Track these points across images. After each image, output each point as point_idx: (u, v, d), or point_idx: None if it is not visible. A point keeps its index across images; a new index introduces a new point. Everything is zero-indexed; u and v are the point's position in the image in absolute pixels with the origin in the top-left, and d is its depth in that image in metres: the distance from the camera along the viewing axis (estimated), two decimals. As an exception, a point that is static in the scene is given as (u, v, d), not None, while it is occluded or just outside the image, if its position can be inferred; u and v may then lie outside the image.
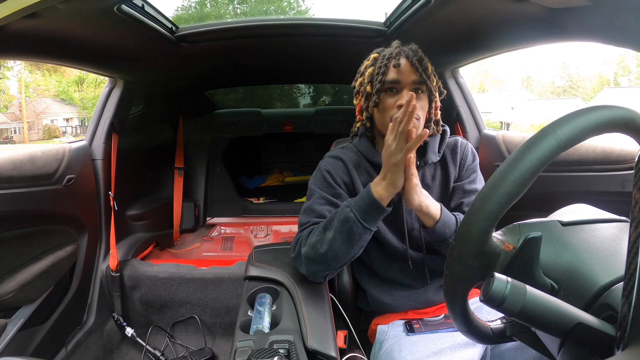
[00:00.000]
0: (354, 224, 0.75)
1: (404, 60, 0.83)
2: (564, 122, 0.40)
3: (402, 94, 0.82)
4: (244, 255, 2.04)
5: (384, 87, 0.84)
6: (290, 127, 2.54)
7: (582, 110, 0.40)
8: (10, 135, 21.88)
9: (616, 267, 0.41)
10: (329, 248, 0.77)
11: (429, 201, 0.79)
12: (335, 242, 0.76)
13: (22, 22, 0.81)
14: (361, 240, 0.78)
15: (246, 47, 1.46)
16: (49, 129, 22.47)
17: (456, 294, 0.46)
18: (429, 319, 0.86)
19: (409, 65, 0.82)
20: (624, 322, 0.33)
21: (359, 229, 0.76)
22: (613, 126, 0.40)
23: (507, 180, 0.39)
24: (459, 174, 0.92)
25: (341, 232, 0.76)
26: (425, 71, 0.83)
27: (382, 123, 0.86)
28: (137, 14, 1.01)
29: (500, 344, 0.74)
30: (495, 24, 0.97)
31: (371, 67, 0.87)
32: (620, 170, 1.06)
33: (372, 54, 0.89)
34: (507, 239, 0.46)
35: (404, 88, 0.83)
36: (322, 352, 0.65)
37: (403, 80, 0.82)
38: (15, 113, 22.14)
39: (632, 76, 31.55)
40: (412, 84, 0.82)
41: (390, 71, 0.83)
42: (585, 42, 0.82)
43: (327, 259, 0.78)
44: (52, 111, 22.66)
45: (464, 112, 1.52)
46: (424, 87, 0.83)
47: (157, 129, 2.14)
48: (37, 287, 1.23)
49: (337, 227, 0.76)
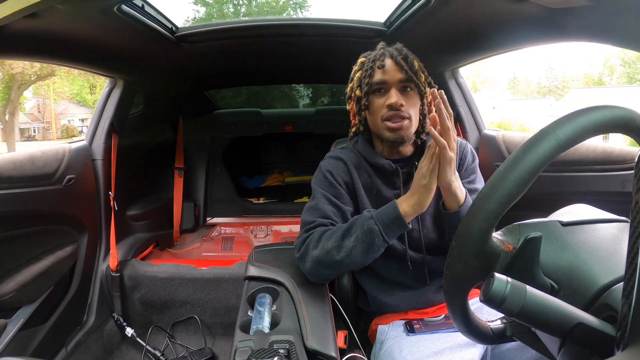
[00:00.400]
0: (377, 237, 0.76)
1: (388, 60, 0.83)
2: (564, 122, 0.39)
3: (390, 94, 0.83)
4: (244, 255, 2.04)
5: (371, 89, 0.85)
6: (290, 127, 2.54)
7: (582, 110, 0.40)
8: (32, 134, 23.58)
9: (616, 267, 0.41)
10: (347, 256, 0.77)
11: (458, 182, 0.80)
12: (354, 251, 0.77)
13: (22, 22, 0.81)
14: (378, 252, 0.79)
15: (246, 47, 1.46)
16: (67, 128, 24.06)
17: (456, 294, 0.46)
18: (429, 319, 0.86)
19: (393, 65, 0.83)
20: (624, 322, 0.33)
21: (380, 242, 0.77)
22: (613, 126, 0.40)
23: (507, 181, 0.39)
24: (460, 172, 0.92)
25: (362, 243, 0.77)
26: (411, 68, 0.83)
27: (374, 124, 0.87)
28: (137, 14, 1.01)
29: (500, 344, 0.74)
30: (495, 24, 0.97)
31: (359, 72, 0.88)
32: (620, 170, 1.06)
33: (360, 59, 0.90)
34: (507, 239, 0.46)
35: (391, 88, 0.83)
36: (322, 352, 0.65)
37: (389, 79, 0.83)
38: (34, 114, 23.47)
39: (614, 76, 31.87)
40: (398, 83, 0.83)
41: (376, 73, 0.84)
42: (585, 42, 0.82)
43: (341, 265, 0.79)
44: (69, 112, 24.16)
45: (464, 112, 1.52)
46: (412, 85, 0.84)
47: (157, 129, 2.14)
48: (37, 287, 1.23)
49: (359, 237, 0.77)
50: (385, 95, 0.84)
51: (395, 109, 0.82)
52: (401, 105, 0.82)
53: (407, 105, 0.83)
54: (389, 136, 0.84)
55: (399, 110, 0.82)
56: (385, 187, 0.90)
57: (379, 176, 0.90)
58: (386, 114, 0.83)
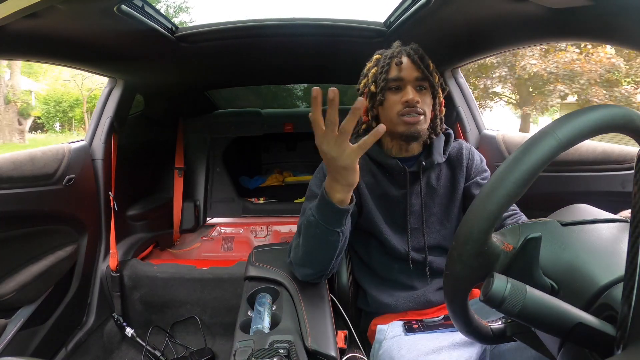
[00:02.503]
0: (317, 227, 0.72)
1: (405, 58, 0.85)
2: (564, 122, 0.40)
3: (406, 90, 0.84)
4: (244, 255, 2.04)
5: (387, 85, 0.86)
6: (290, 127, 2.54)
7: (582, 110, 0.40)
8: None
9: (616, 267, 0.41)
10: (304, 252, 0.76)
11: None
12: (307, 245, 0.75)
13: (22, 22, 0.81)
14: (333, 242, 0.73)
15: (246, 47, 1.46)
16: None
17: (456, 295, 0.46)
18: (428, 320, 0.86)
19: (410, 63, 0.84)
20: (624, 322, 0.33)
21: (325, 231, 0.72)
22: (613, 126, 0.40)
23: (506, 181, 0.39)
24: (467, 176, 0.94)
25: (308, 236, 0.74)
26: (427, 68, 0.84)
27: (389, 120, 0.87)
28: (137, 14, 1.01)
29: (500, 344, 0.74)
30: (496, 24, 0.97)
31: (374, 68, 0.89)
32: (620, 170, 1.06)
33: (375, 55, 0.91)
34: (507, 239, 0.46)
35: (407, 85, 0.84)
36: (322, 352, 0.65)
37: (406, 77, 0.84)
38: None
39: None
40: (415, 81, 0.84)
41: (392, 69, 0.85)
42: (585, 42, 0.83)
43: (307, 262, 0.78)
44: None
45: (464, 112, 1.52)
46: (427, 84, 0.85)
47: (157, 129, 2.14)
48: (37, 287, 1.23)
49: (304, 232, 0.75)
50: (401, 92, 0.85)
51: (412, 105, 0.83)
52: (417, 102, 0.83)
53: (421, 102, 0.84)
54: (404, 130, 0.85)
55: (415, 107, 0.83)
56: (391, 186, 0.90)
57: (384, 175, 0.91)
58: (402, 110, 0.84)
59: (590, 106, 0.41)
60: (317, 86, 0.57)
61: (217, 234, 2.31)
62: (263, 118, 2.56)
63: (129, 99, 1.68)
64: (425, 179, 0.91)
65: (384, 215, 0.91)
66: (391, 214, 0.91)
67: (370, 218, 0.90)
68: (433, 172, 0.92)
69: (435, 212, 0.91)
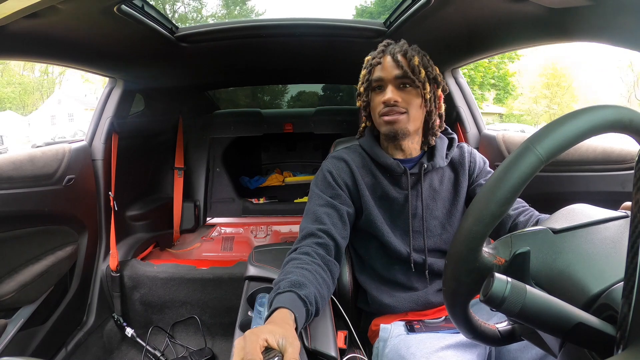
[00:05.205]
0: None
1: (387, 57, 0.85)
2: (543, 135, 0.39)
3: (386, 91, 0.85)
4: (244, 256, 2.04)
5: (370, 86, 0.88)
6: (290, 127, 2.54)
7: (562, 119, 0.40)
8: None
9: (609, 273, 0.41)
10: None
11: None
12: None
13: (22, 22, 0.81)
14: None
15: (246, 47, 1.46)
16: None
17: (456, 308, 0.47)
18: (430, 320, 0.86)
19: (391, 62, 0.84)
20: (624, 322, 0.33)
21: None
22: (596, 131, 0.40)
23: (491, 203, 0.40)
24: (471, 178, 0.94)
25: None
26: (409, 64, 0.83)
27: (375, 121, 0.90)
28: (137, 14, 1.01)
29: (510, 344, 0.74)
30: (495, 24, 0.97)
31: (364, 70, 0.90)
32: (620, 170, 1.06)
33: (367, 57, 0.91)
34: (499, 252, 0.47)
35: (387, 84, 0.85)
36: (322, 352, 0.65)
37: (385, 76, 0.85)
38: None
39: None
40: (395, 79, 0.84)
41: (375, 70, 0.86)
42: (585, 42, 0.83)
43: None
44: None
45: (464, 112, 1.52)
46: (409, 81, 0.84)
47: (157, 129, 2.14)
48: (37, 287, 1.23)
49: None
50: (383, 92, 0.86)
51: (390, 105, 0.84)
52: (396, 102, 0.83)
53: (403, 101, 0.84)
54: (385, 130, 0.86)
55: (395, 106, 0.84)
56: (391, 187, 0.90)
57: (385, 176, 0.90)
58: (382, 110, 0.85)
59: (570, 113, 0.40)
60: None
61: (217, 234, 2.31)
62: (263, 118, 2.56)
63: (129, 99, 1.68)
64: (428, 182, 0.91)
65: (385, 216, 0.91)
66: (392, 215, 0.91)
67: (371, 219, 0.90)
68: (436, 174, 0.92)
69: (438, 216, 0.91)
